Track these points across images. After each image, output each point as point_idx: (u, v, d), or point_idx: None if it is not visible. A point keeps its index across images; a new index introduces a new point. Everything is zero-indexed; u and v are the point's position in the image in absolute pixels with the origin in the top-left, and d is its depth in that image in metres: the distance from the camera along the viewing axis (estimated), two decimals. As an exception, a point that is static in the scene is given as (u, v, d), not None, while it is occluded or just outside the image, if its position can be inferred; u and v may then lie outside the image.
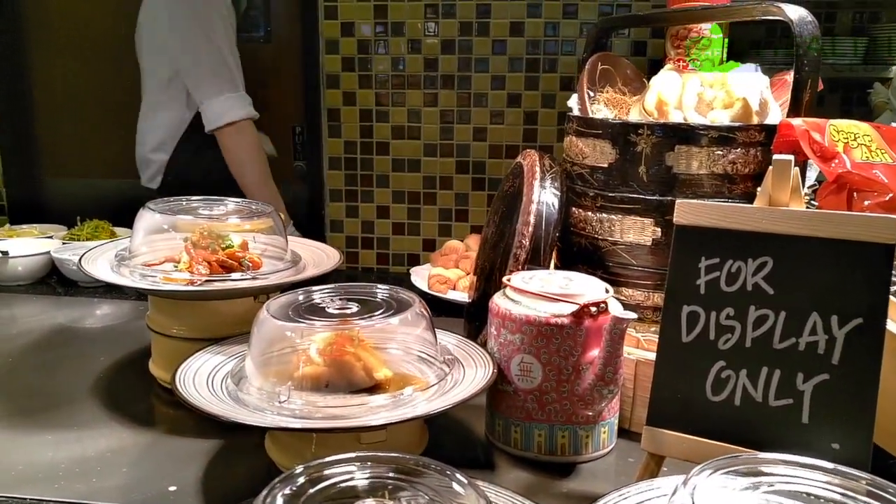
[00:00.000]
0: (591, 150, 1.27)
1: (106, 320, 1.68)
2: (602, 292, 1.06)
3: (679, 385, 0.89)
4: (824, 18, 3.49)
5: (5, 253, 1.85)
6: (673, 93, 1.30)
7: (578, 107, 1.38)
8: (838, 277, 0.81)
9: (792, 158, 0.88)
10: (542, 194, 1.25)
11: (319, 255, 1.41)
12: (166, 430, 1.16)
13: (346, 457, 0.68)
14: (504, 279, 1.12)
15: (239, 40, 2.37)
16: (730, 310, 0.87)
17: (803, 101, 1.12)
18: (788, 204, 0.88)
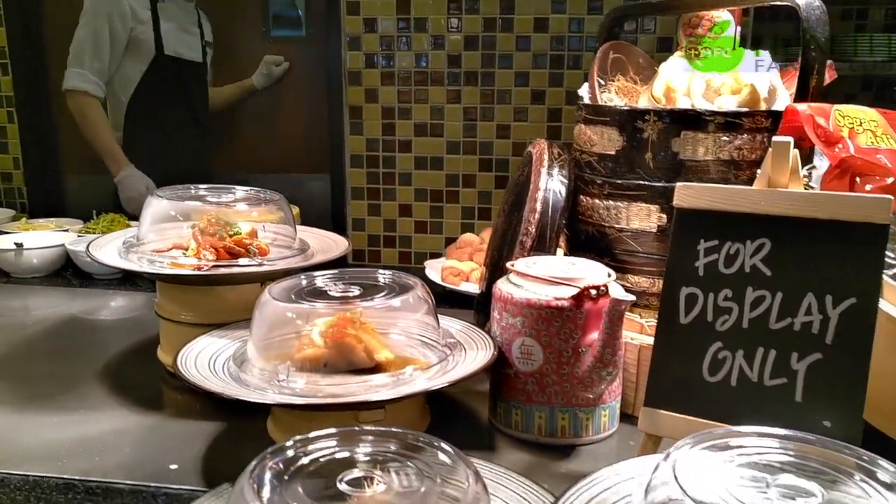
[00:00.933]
0: (599, 138, 1.26)
1: (119, 312, 1.70)
2: (604, 276, 1.06)
3: (677, 366, 0.89)
4: (856, 15, 3.42)
5: (19, 245, 1.87)
6: (681, 80, 1.29)
7: (589, 95, 1.37)
8: (833, 258, 0.80)
9: (791, 140, 0.87)
10: (549, 182, 1.25)
11: (328, 243, 1.42)
12: (171, 414, 1.18)
13: (334, 431, 0.69)
14: (508, 264, 1.12)
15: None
16: (728, 291, 0.87)
17: (810, 87, 1.11)
18: (788, 186, 0.87)
